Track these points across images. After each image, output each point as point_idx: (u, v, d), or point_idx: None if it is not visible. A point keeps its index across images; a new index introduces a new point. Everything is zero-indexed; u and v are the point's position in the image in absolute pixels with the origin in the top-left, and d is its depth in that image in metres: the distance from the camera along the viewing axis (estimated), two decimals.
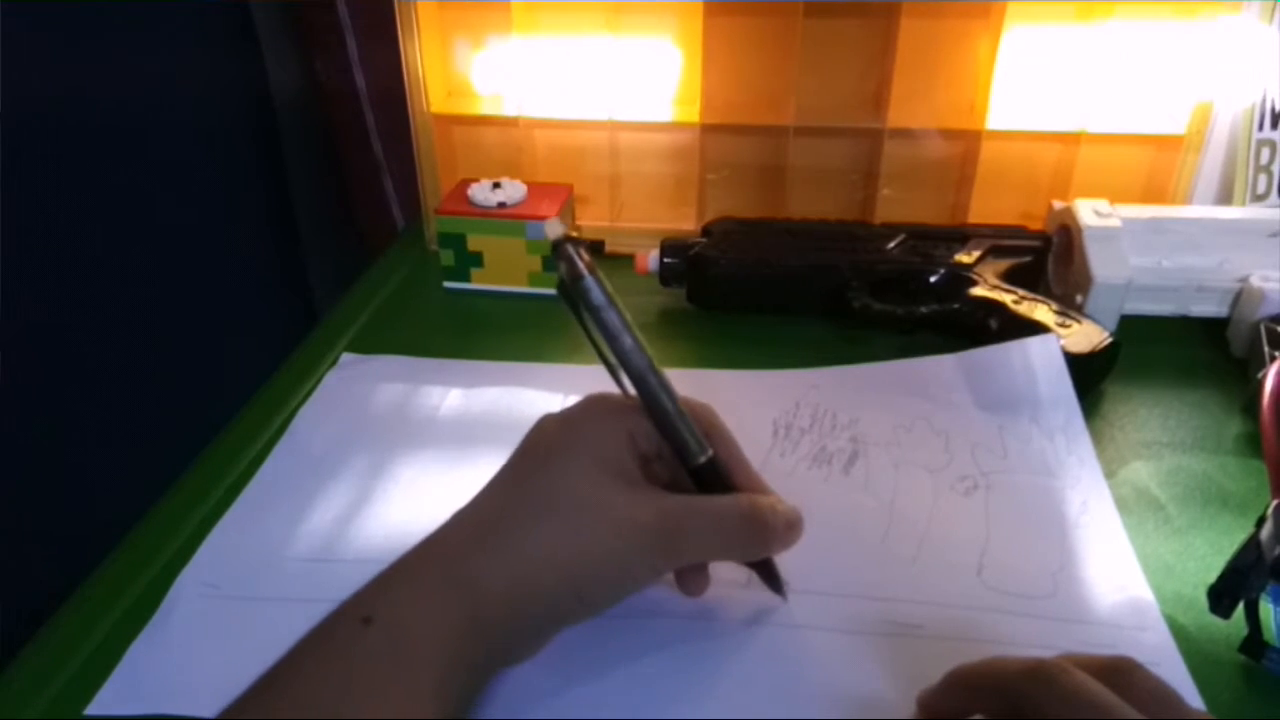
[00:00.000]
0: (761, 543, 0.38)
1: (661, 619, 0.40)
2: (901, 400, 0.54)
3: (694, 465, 0.37)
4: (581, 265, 0.34)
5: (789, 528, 0.38)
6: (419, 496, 0.47)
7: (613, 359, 0.36)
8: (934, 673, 0.33)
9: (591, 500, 0.34)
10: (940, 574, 0.42)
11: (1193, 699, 0.36)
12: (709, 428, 0.38)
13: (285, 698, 0.29)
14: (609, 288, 0.35)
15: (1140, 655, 0.31)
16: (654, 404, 0.36)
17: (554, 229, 0.34)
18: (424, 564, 0.33)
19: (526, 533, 0.33)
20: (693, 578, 0.39)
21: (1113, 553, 0.44)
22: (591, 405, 0.37)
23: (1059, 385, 0.52)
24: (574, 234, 0.34)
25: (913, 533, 0.45)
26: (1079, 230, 0.59)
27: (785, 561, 0.42)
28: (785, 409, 0.53)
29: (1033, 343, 0.54)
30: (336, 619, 0.32)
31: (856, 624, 0.40)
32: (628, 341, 0.35)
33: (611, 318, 0.35)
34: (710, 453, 0.37)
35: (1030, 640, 0.39)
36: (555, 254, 0.34)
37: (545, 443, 0.36)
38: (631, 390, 0.36)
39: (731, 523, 0.37)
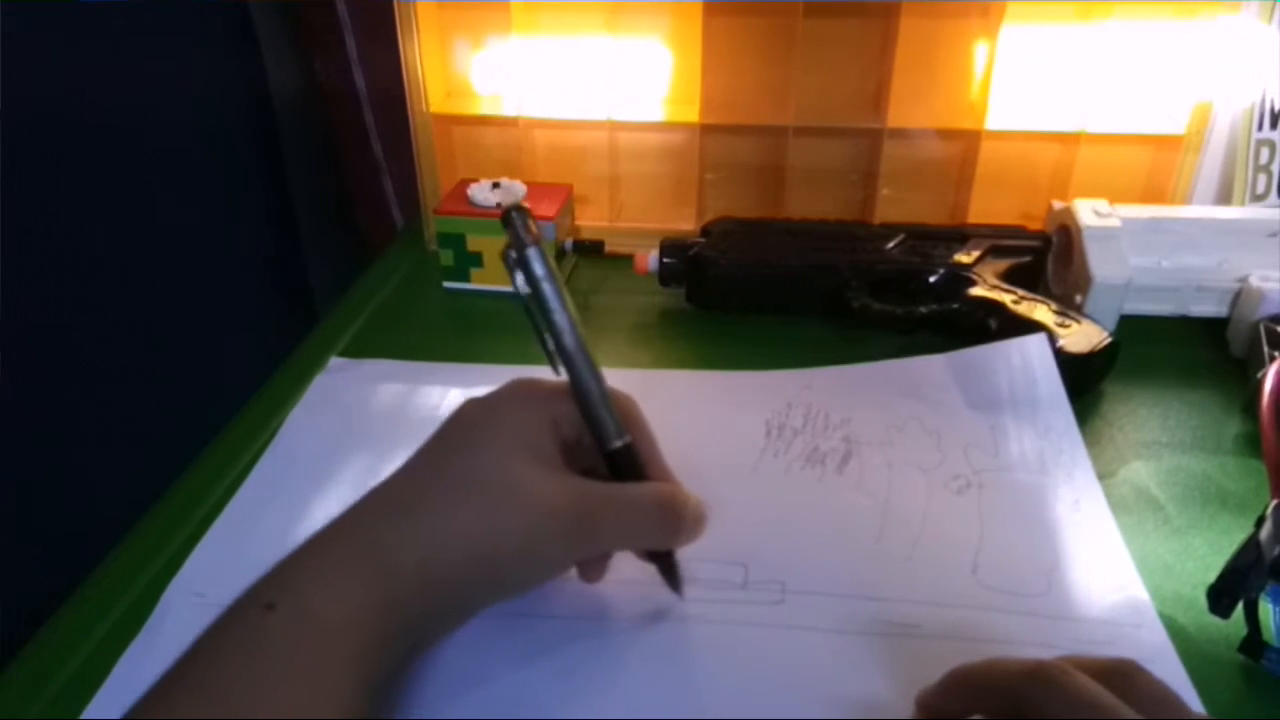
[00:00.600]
0: (673, 532, 0.38)
1: (660, 621, 0.40)
2: (894, 400, 0.54)
3: (610, 449, 0.37)
4: (526, 235, 0.34)
5: (697, 520, 0.38)
6: None
7: (548, 338, 0.36)
8: (931, 672, 0.33)
9: (508, 482, 0.34)
10: (935, 573, 0.42)
11: (1190, 697, 0.36)
12: (629, 418, 0.38)
13: (189, 693, 0.29)
14: (552, 263, 0.35)
15: (1136, 653, 0.31)
16: (579, 383, 0.36)
17: (508, 196, 0.35)
18: (332, 544, 0.33)
19: (439, 511, 0.33)
20: (594, 565, 0.39)
21: (1106, 551, 0.44)
22: (516, 389, 0.37)
23: (1050, 384, 0.52)
24: (525, 205, 0.35)
25: (907, 532, 0.45)
26: (1078, 230, 0.59)
27: (782, 560, 0.42)
28: (777, 409, 0.53)
29: (1023, 342, 0.54)
30: (238, 607, 0.31)
31: (852, 624, 0.40)
32: (562, 318, 0.35)
33: (548, 290, 0.35)
34: (627, 439, 0.37)
35: (1026, 638, 0.39)
36: (504, 223, 0.35)
37: (465, 424, 0.36)
38: (562, 371, 0.36)
39: (646, 511, 0.37)
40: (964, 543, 0.44)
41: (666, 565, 0.39)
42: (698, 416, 0.53)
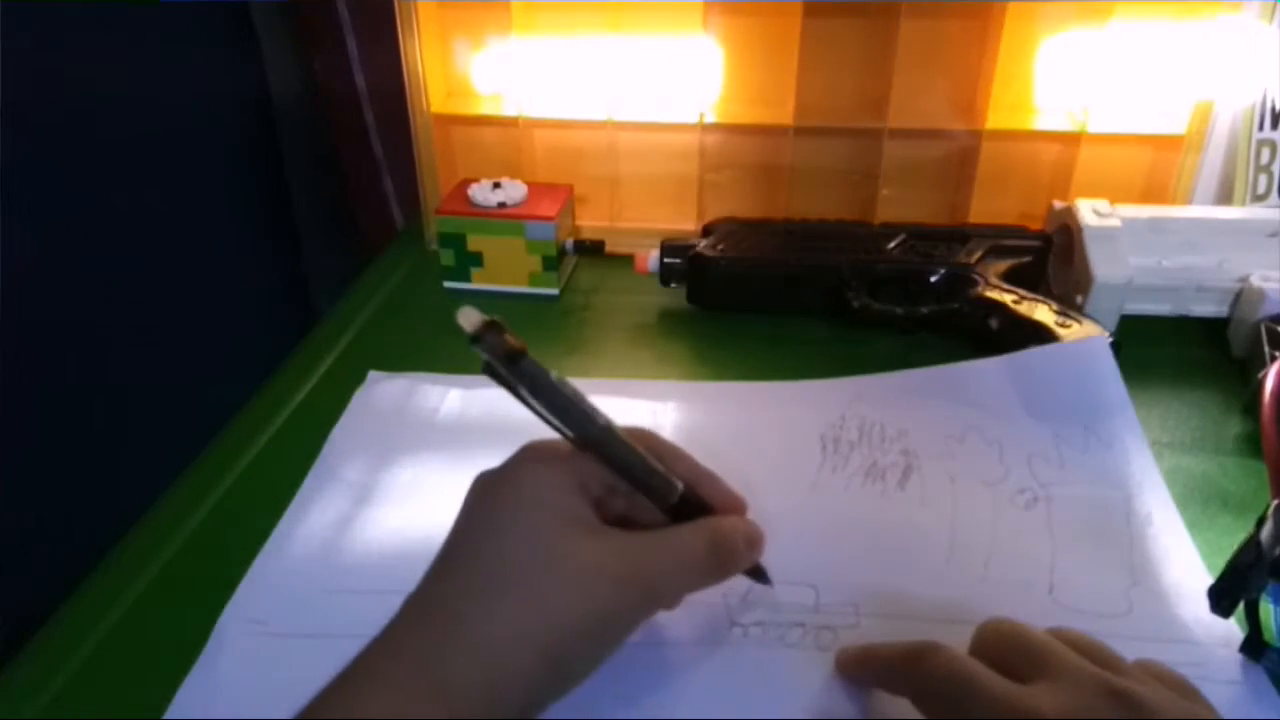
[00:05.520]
0: (729, 568, 0.37)
1: (735, 645, 0.39)
2: (949, 408, 0.52)
3: (669, 505, 0.35)
4: (510, 349, 0.31)
5: (750, 546, 0.37)
6: None
7: (565, 430, 0.34)
8: None
9: (554, 561, 0.31)
10: (1011, 594, 0.41)
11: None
12: (660, 453, 0.36)
13: None
14: (538, 364, 0.32)
15: (1224, 673, 0.30)
16: (617, 462, 0.34)
17: (469, 318, 0.31)
18: (389, 658, 0.30)
19: (492, 612, 0.31)
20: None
21: (1183, 566, 0.42)
22: (529, 455, 0.35)
23: (1112, 389, 0.50)
24: (493, 319, 0.31)
25: (977, 550, 0.43)
26: (1079, 230, 0.59)
27: (853, 581, 0.41)
28: (831, 422, 0.52)
29: (1082, 345, 0.52)
30: None
31: None
32: (579, 413, 0.33)
33: (564, 390, 0.33)
34: (681, 486, 0.35)
35: None
36: (475, 344, 0.31)
37: (490, 505, 0.34)
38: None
39: (698, 554, 0.35)
40: (1037, 561, 0.42)
41: (749, 569, 0.39)
42: (750, 430, 0.52)
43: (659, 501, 0.35)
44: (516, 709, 0.31)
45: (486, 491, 0.34)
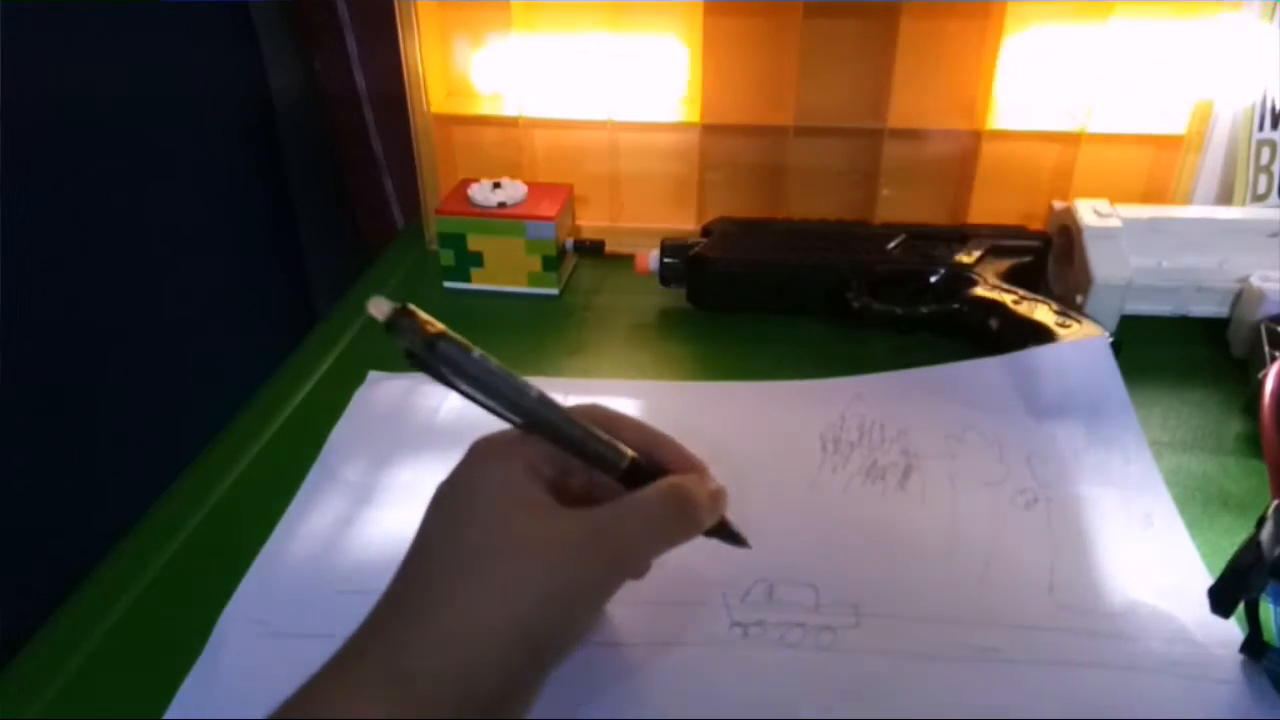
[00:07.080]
0: (693, 524, 0.36)
1: (737, 646, 0.39)
2: (949, 408, 0.52)
3: (620, 474, 0.35)
4: (426, 332, 0.30)
5: (714, 500, 0.36)
6: None
7: (501, 410, 0.33)
8: (1014, 697, 0.32)
9: (512, 543, 0.31)
10: (1011, 593, 0.41)
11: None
12: (611, 424, 0.36)
13: None
14: (462, 340, 0.32)
15: (1224, 673, 0.30)
16: (559, 436, 0.34)
17: (379, 307, 0.30)
18: (356, 661, 0.30)
19: (455, 605, 0.30)
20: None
21: (1183, 566, 0.42)
22: (476, 452, 0.35)
23: (1113, 389, 0.51)
24: (405, 305, 0.30)
25: (978, 550, 0.43)
26: (1079, 230, 0.59)
27: (853, 581, 0.41)
28: (831, 421, 0.52)
29: (1083, 345, 0.52)
30: None
31: (929, 648, 0.38)
32: (511, 386, 0.32)
33: (489, 366, 0.32)
34: (630, 454, 0.35)
35: (1111, 661, 0.38)
36: (390, 332, 0.30)
37: (446, 505, 0.34)
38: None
39: (662, 512, 0.35)
40: (1037, 561, 0.42)
41: (719, 531, 0.38)
42: (751, 431, 0.52)
43: (610, 470, 0.35)
44: (495, 697, 0.30)
45: (442, 495, 0.34)
